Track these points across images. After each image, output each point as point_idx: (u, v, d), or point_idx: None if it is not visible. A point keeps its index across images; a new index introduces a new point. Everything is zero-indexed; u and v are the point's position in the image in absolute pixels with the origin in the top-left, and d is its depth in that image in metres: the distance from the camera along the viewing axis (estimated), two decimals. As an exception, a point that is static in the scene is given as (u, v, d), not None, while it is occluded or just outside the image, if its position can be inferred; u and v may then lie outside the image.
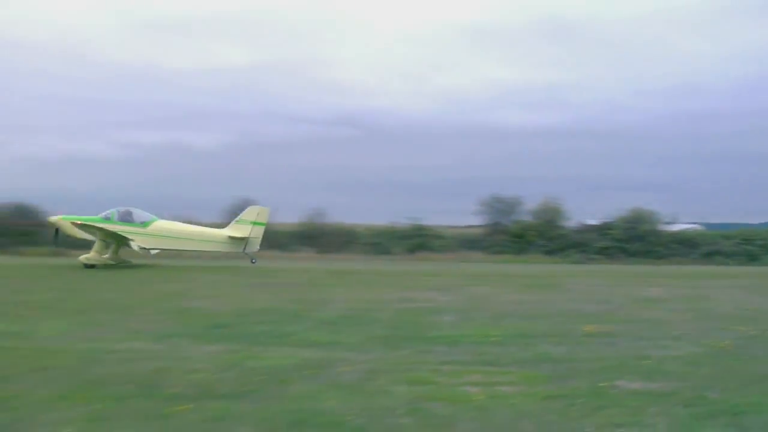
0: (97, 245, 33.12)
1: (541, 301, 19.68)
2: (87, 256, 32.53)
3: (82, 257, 32.55)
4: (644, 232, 56.48)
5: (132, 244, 33.47)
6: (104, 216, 34.15)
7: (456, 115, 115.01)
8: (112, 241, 33.73)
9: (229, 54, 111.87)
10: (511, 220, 59.49)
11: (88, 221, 33.28)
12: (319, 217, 57.24)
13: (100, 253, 33.10)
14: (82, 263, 31.94)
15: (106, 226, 33.12)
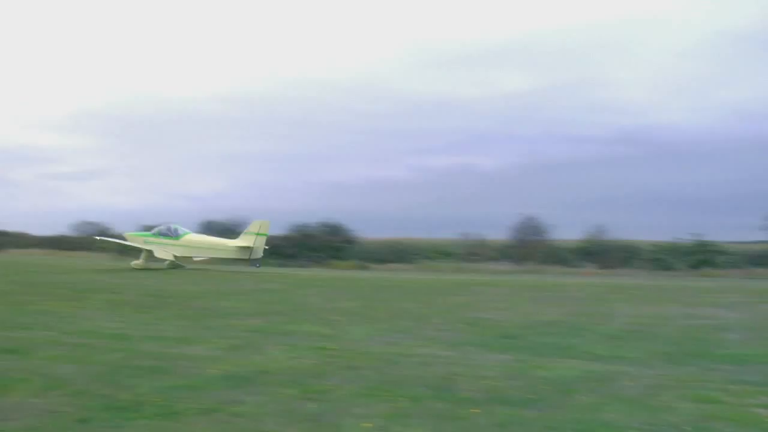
0: (143, 254, 40.75)
1: None
2: (136, 262, 40.44)
3: (133, 263, 40.43)
4: None
5: (156, 254, 40.70)
6: (153, 232, 42.18)
7: (741, 129, 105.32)
8: (150, 250, 40.94)
9: (511, 80, 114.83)
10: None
11: (133, 236, 42.08)
12: (601, 234, 56.92)
13: (146, 259, 40.65)
14: (132, 267, 39.76)
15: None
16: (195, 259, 42.69)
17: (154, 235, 41.97)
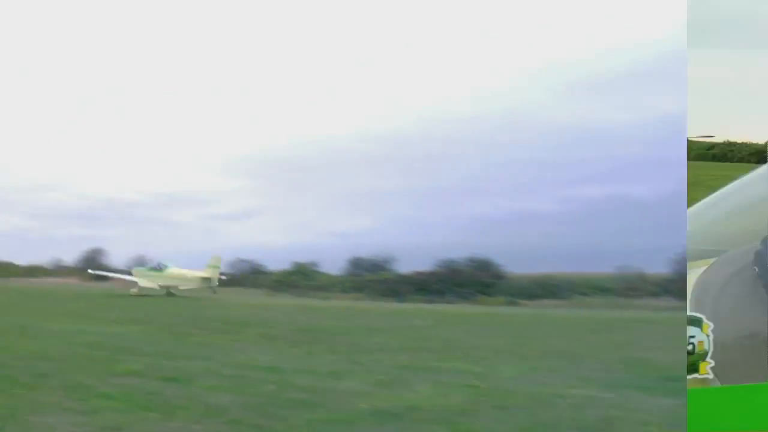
0: (138, 283, 48.48)
1: None
2: (133, 290, 47.39)
3: (131, 290, 47.43)
4: None
5: (143, 284, 48.01)
6: (146, 267, 50.94)
7: None
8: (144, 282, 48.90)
9: (662, 104, 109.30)
10: None
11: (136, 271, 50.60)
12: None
13: (139, 289, 47.70)
14: (130, 294, 46.50)
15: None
16: (181, 288, 49.51)
17: (147, 269, 50.95)
